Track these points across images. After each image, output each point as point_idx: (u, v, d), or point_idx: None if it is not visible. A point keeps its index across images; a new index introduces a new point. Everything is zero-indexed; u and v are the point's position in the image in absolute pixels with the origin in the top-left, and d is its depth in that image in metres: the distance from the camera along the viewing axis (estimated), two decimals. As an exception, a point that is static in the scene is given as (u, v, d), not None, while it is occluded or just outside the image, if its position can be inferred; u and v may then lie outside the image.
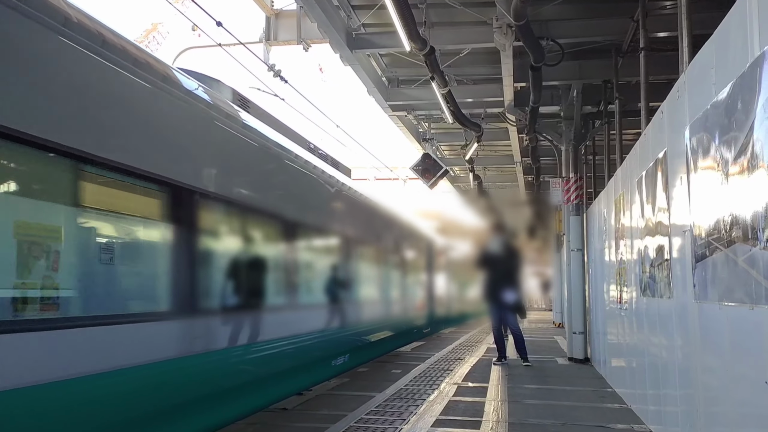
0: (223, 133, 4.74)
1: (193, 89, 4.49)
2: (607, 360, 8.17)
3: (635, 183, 5.72)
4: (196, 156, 4.38)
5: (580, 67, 9.95)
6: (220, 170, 4.70)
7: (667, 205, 4.45)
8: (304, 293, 6.61)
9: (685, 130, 3.88)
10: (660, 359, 4.92)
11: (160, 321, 3.88)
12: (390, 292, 10.92)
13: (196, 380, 4.18)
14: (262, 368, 5.31)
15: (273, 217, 5.82)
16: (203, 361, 4.18)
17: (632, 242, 5.94)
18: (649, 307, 5.26)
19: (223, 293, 4.80)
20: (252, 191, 5.43)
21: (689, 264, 3.81)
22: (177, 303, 4.06)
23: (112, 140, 3.52)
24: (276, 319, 5.75)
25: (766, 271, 2.66)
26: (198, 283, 4.35)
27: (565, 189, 10.60)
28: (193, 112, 4.38)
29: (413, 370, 9.08)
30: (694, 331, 3.81)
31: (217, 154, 4.68)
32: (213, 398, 4.46)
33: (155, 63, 4.04)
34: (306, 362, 6.43)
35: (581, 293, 10.33)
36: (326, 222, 7.42)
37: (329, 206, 7.60)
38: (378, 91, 11.21)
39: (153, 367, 3.68)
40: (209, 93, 4.82)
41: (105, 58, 3.49)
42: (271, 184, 5.90)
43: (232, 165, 4.95)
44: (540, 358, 10.54)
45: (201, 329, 4.30)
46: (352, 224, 8.45)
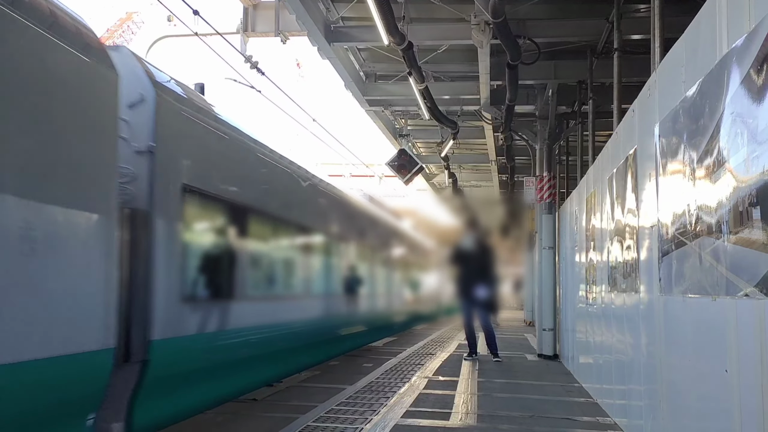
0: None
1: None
2: (576, 356, 8.29)
3: (606, 180, 5.81)
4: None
5: (555, 67, 10.05)
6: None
7: (635, 201, 4.53)
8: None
9: (654, 127, 3.95)
10: (626, 355, 5.02)
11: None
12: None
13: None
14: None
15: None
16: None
17: (602, 239, 6.04)
18: (617, 303, 5.35)
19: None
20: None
21: (655, 258, 3.89)
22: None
23: None
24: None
25: (729, 263, 2.74)
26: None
27: (539, 187, 10.72)
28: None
29: (385, 364, 9.12)
30: (659, 324, 3.89)
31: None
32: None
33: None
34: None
35: (551, 291, 10.46)
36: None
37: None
38: (355, 85, 11.20)
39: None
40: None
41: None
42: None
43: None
44: (510, 354, 10.64)
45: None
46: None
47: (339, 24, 9.32)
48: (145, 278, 4.29)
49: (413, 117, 13.70)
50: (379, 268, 12.97)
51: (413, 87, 9.64)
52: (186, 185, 4.75)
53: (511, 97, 9.51)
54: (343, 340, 9.78)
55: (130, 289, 4.19)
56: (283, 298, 6.92)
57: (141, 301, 4.26)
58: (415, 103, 11.09)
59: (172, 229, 4.59)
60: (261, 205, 6.13)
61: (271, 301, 6.46)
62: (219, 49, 34.53)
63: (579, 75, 10.01)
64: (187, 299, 4.79)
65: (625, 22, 7.71)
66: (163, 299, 4.41)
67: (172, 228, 4.59)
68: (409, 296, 15.62)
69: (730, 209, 2.69)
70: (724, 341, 2.80)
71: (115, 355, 3.66)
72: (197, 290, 5.02)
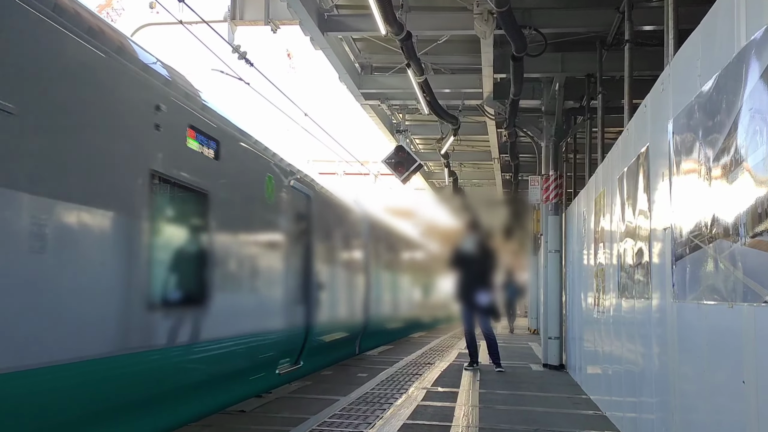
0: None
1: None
2: (583, 366, 8.31)
3: (616, 180, 5.83)
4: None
5: (562, 59, 10.08)
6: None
7: (647, 201, 4.55)
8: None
9: (668, 123, 3.97)
10: (636, 365, 5.03)
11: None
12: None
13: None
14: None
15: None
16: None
17: (611, 241, 6.05)
18: (627, 310, 5.37)
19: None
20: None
21: (668, 263, 3.91)
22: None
23: None
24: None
25: (746, 268, 2.75)
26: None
27: (544, 187, 10.74)
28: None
29: (380, 374, 9.12)
30: (672, 332, 3.91)
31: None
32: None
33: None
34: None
35: (558, 297, 10.48)
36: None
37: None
38: (350, 77, 11.20)
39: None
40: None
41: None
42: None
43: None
44: (513, 363, 10.66)
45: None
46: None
47: (333, 12, 9.33)
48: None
49: (411, 112, 13.72)
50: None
51: (412, 80, 9.65)
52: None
53: (516, 91, 9.53)
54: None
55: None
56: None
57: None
58: (414, 97, 11.10)
59: None
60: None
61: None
62: (205, 38, 34.45)
63: (588, 68, 10.04)
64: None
65: (637, 12, 7.74)
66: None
67: None
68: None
69: (748, 211, 2.70)
70: (741, 351, 2.81)
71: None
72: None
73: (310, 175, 8.42)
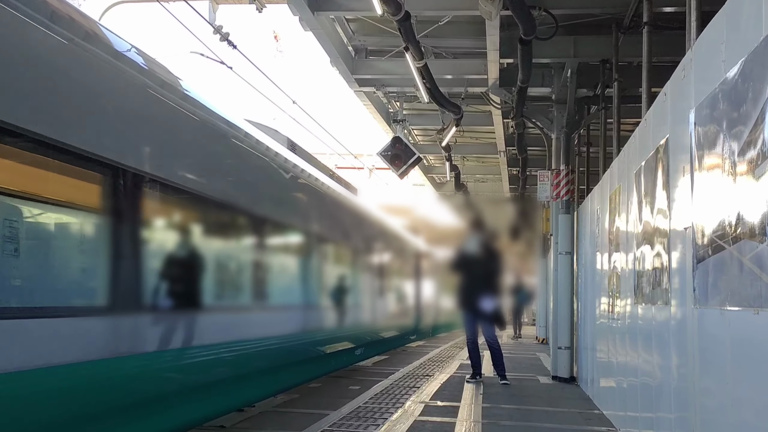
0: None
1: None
2: (596, 379, 8.33)
3: (633, 175, 5.84)
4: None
5: (575, 43, 10.09)
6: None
7: (666, 199, 4.55)
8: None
9: (689, 113, 3.98)
10: (653, 377, 5.04)
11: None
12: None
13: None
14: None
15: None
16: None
17: (627, 242, 6.06)
18: (644, 317, 5.38)
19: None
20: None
21: (689, 265, 3.92)
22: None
23: None
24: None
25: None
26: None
27: (555, 183, 10.75)
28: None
29: (374, 387, 9.13)
30: (693, 341, 3.92)
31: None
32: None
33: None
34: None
35: (569, 303, 10.50)
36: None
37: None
38: (343, 61, 11.19)
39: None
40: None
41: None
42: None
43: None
44: (520, 375, 10.68)
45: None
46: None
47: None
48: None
49: (410, 100, 13.71)
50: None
51: (410, 64, 9.64)
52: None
53: (524, 78, 9.53)
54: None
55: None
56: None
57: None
58: (412, 84, 11.08)
59: None
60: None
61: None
62: (184, 18, 34.37)
63: (602, 53, 10.04)
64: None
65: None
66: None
67: None
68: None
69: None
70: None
71: None
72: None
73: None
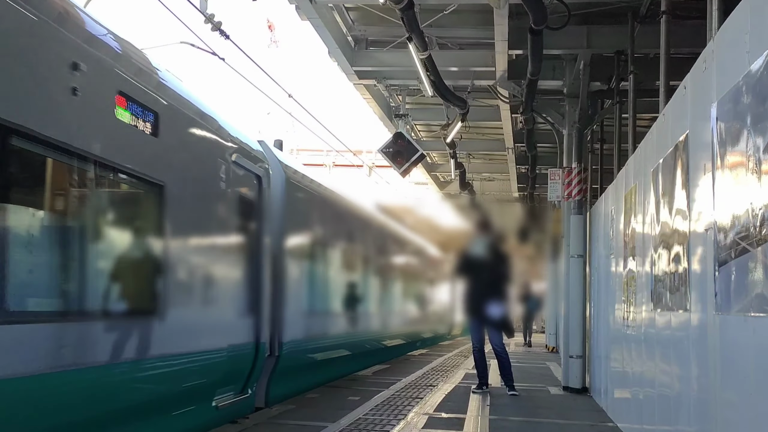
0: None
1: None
2: (610, 389, 8.32)
3: (650, 174, 5.83)
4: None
5: (588, 33, 10.08)
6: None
7: (686, 198, 4.54)
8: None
9: (711, 108, 3.96)
10: (672, 388, 5.03)
11: None
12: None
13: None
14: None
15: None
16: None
17: (644, 244, 6.05)
18: (662, 324, 5.37)
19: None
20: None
21: (710, 269, 3.90)
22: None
23: None
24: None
25: (801, 276, 2.74)
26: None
27: (566, 182, 10.74)
28: None
29: (375, 398, 9.13)
30: (714, 350, 3.90)
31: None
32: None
33: None
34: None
35: (581, 309, 10.49)
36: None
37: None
38: (342, 53, 11.19)
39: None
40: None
41: None
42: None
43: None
44: (529, 386, 10.67)
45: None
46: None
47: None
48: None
49: (413, 93, 13.71)
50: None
51: (413, 56, 9.64)
52: None
53: (534, 70, 9.52)
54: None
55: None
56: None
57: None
58: (416, 76, 11.09)
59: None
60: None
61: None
62: (174, 6, 34.40)
63: (617, 44, 10.03)
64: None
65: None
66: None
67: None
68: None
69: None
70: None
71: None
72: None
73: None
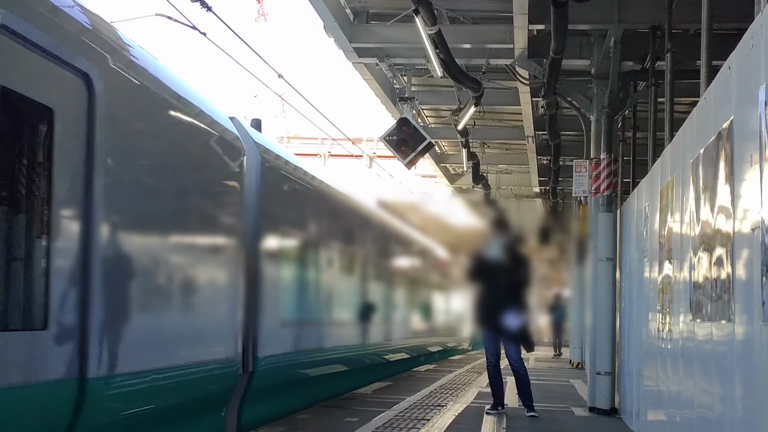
0: None
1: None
2: (642, 411, 8.32)
3: (689, 166, 5.83)
4: None
5: (620, 5, 10.07)
6: None
7: (730, 194, 4.54)
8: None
9: (759, 91, 3.96)
10: (713, 410, 5.04)
11: None
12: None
13: None
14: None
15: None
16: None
17: (681, 246, 6.05)
18: (702, 337, 5.37)
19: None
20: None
21: (757, 274, 3.90)
22: None
23: None
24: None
25: None
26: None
27: (594, 175, 10.74)
28: None
29: (375, 419, 9.13)
30: (762, 366, 3.91)
31: None
32: None
33: None
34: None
35: (610, 320, 10.49)
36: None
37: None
38: (339, 27, 11.20)
39: None
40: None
41: None
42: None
43: None
44: (550, 406, 10.67)
45: None
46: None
47: (318, -59, 9.33)
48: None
49: (419, 74, 13.73)
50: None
51: (420, 31, 9.64)
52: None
53: (558, 48, 9.53)
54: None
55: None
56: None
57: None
58: (423, 54, 11.09)
59: None
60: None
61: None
62: (148, -26, 34.45)
63: (652, 18, 10.03)
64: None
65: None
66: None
67: None
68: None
69: None
70: None
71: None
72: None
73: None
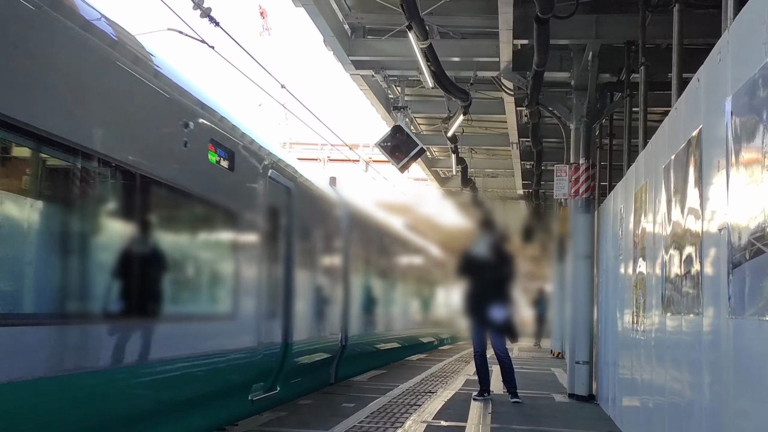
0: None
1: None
2: (618, 397, 8.34)
3: (661, 171, 5.85)
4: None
5: (597, 22, 10.08)
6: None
7: (699, 197, 4.56)
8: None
9: (726, 101, 3.98)
10: (683, 396, 5.05)
11: None
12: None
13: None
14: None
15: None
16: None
17: (654, 245, 6.08)
18: (673, 329, 5.39)
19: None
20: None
21: (724, 271, 3.92)
22: None
23: None
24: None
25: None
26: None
27: (573, 179, 10.76)
28: None
29: (370, 404, 9.15)
30: (728, 356, 3.92)
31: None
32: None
33: None
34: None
35: (587, 313, 10.51)
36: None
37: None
38: (338, 41, 11.19)
39: None
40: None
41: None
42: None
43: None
44: (533, 393, 10.69)
45: None
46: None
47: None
48: None
49: (412, 84, 13.72)
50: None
51: (413, 45, 9.65)
52: None
53: (540, 61, 9.54)
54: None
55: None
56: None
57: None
58: (416, 67, 11.10)
59: None
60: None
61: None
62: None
63: (628, 34, 10.04)
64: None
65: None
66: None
67: None
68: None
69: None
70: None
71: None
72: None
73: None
